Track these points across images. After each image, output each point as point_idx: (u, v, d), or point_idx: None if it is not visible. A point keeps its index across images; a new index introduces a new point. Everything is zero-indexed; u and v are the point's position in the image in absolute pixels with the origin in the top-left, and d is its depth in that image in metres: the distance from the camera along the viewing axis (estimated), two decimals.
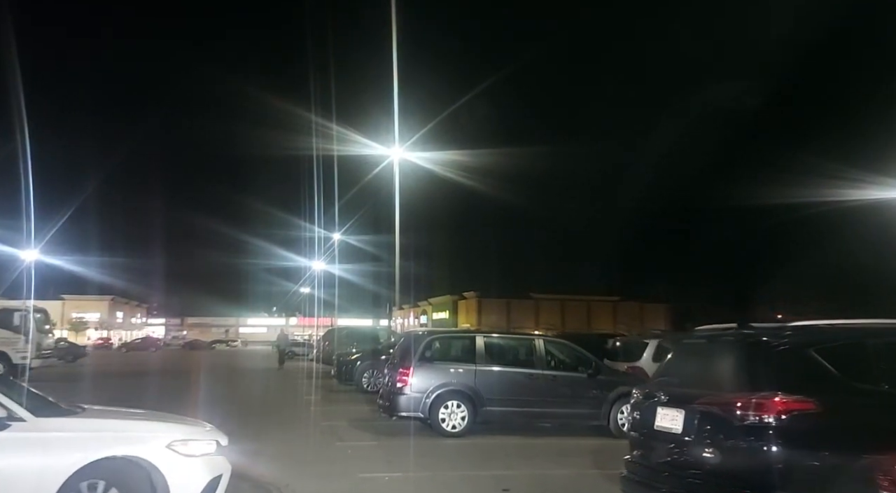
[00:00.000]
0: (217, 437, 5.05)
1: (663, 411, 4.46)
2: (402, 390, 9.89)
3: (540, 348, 10.30)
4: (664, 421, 4.41)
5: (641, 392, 4.96)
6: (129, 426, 4.86)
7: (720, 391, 4.21)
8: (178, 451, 4.59)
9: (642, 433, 4.76)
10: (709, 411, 4.17)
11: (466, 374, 10.00)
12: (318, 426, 10.99)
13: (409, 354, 10.20)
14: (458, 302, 73.68)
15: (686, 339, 5.26)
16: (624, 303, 71.35)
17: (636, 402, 4.99)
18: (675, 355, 5.24)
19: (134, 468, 4.42)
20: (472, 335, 10.44)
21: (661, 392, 4.57)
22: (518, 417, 10.09)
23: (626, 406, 10.05)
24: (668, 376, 4.96)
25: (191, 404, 14.05)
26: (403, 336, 12.03)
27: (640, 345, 13.18)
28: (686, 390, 4.42)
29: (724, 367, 4.43)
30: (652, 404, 4.62)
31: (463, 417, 9.81)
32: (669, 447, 4.36)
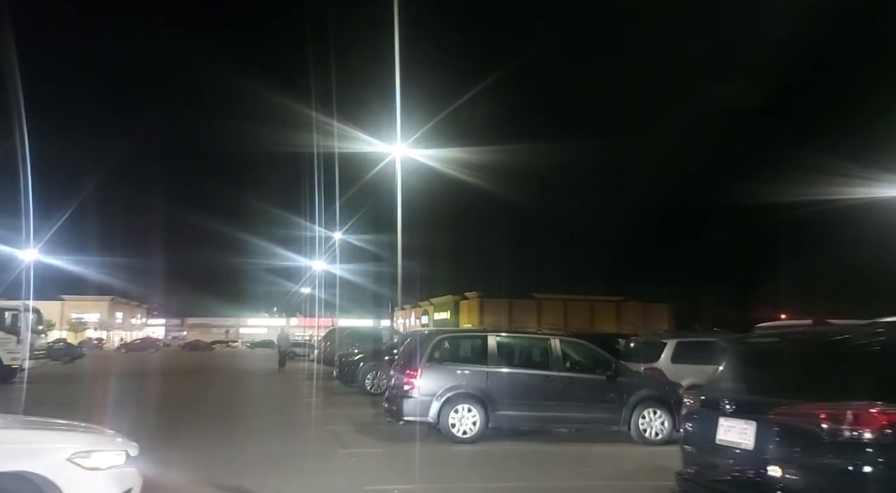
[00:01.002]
0: (127, 447, 4.48)
1: (728, 422, 3.84)
2: (409, 393, 9.29)
3: (556, 349, 9.69)
4: (729, 434, 3.80)
5: (696, 400, 4.34)
6: (21, 437, 4.22)
7: (802, 400, 3.58)
8: (80, 464, 4.02)
9: (700, 448, 4.13)
10: (789, 423, 3.55)
11: (478, 376, 9.39)
12: (320, 430, 10.39)
13: (416, 355, 9.60)
14: (460, 302, 73.13)
15: (751, 339, 4.59)
16: (627, 303, 70.80)
17: (691, 411, 4.36)
18: (738, 358, 4.57)
19: (26, 486, 3.82)
20: (484, 335, 9.83)
21: (725, 401, 3.95)
22: (533, 422, 9.49)
23: (648, 411, 9.49)
24: (731, 381, 4.32)
25: (184, 408, 13.48)
26: (410, 336, 11.43)
27: (657, 345, 12.56)
28: (757, 399, 3.80)
29: (807, 371, 3.80)
30: (712, 415, 4.00)
31: (474, 422, 9.21)
32: (736, 464, 3.74)
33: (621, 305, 71.05)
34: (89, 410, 13.42)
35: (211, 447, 8.84)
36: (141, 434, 10.07)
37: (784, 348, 4.13)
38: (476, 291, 69.25)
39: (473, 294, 70.11)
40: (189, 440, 9.38)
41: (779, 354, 4.13)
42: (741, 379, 4.25)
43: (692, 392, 4.63)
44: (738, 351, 4.65)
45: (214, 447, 8.79)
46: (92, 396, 16.18)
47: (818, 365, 3.73)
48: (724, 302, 61.32)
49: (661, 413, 9.50)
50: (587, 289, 68.73)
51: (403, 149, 22.07)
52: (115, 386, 19.81)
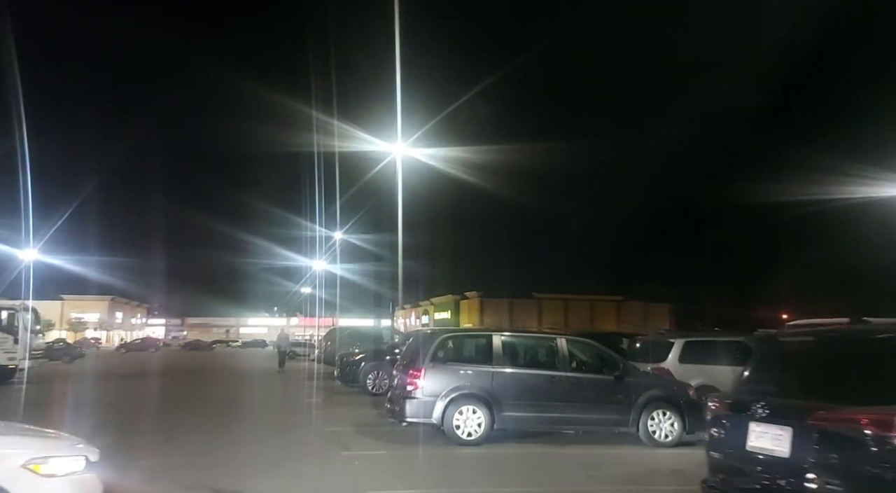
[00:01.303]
0: (86, 452, 4.26)
1: (759, 427, 3.59)
2: (412, 394, 9.06)
3: (562, 349, 9.45)
4: (762, 441, 3.55)
5: (723, 403, 4.08)
6: None
7: (845, 404, 3.32)
8: (35, 471, 3.83)
9: (728, 454, 3.87)
10: (829, 429, 3.29)
11: (483, 376, 9.16)
12: (321, 431, 10.16)
13: (419, 354, 9.37)
14: (460, 302, 72.93)
15: (783, 337, 4.32)
16: (627, 302, 70.65)
17: (717, 415, 4.09)
18: (769, 358, 4.27)
19: None
20: (489, 334, 9.58)
21: (757, 404, 3.69)
22: (539, 423, 9.25)
23: (657, 412, 9.26)
24: (762, 383, 4.04)
25: (182, 409, 13.25)
26: (412, 335, 11.20)
27: (664, 345, 12.31)
28: (793, 403, 3.55)
29: (848, 373, 3.54)
30: (742, 419, 3.74)
31: (479, 423, 8.97)
32: (768, 472, 3.48)
33: (622, 304, 70.91)
34: (84, 411, 13.21)
35: (208, 448, 8.62)
36: (136, 436, 9.88)
37: (821, 347, 3.84)
38: (476, 290, 69.03)
39: (474, 294, 69.91)
40: (186, 442, 9.16)
41: (815, 354, 3.85)
42: (773, 381, 3.98)
43: (719, 395, 4.35)
44: (768, 351, 4.34)
45: (212, 449, 8.56)
46: (88, 397, 15.95)
47: (861, 366, 3.47)
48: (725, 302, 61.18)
49: (671, 414, 9.27)
50: (587, 289, 68.55)
51: (404, 148, 21.89)
52: (113, 387, 19.58)
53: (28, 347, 17.62)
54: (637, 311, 68.14)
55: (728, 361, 12.04)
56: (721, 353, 12.19)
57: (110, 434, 10.01)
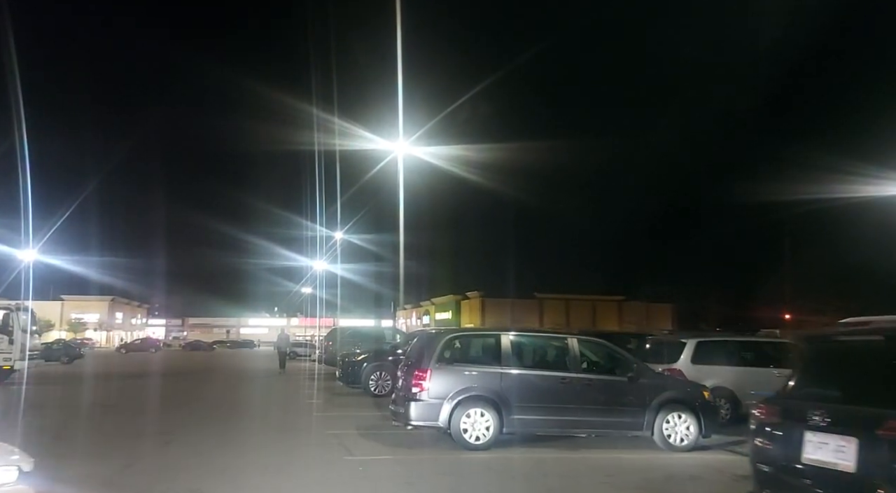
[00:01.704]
0: (21, 462, 3.93)
1: (818, 438, 3.24)
2: (417, 396, 8.72)
3: (573, 349, 9.11)
4: (821, 452, 3.20)
5: (771, 409, 3.71)
6: None
7: None
8: None
9: (778, 468, 3.51)
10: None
11: (491, 378, 8.82)
12: (323, 435, 9.83)
13: (425, 355, 9.03)
14: (461, 302, 72.58)
15: (842, 336, 3.93)
16: (629, 302, 70.39)
17: (765, 423, 3.72)
18: (823, 360, 3.88)
19: None
20: (497, 334, 9.23)
21: (815, 412, 3.33)
22: (550, 427, 8.90)
23: (672, 415, 8.92)
24: (817, 388, 3.67)
25: (181, 411, 12.91)
26: (417, 335, 10.85)
27: (676, 345, 11.97)
28: (858, 410, 3.19)
29: None
30: (796, 428, 3.38)
31: (488, 427, 8.63)
32: (828, 489, 3.13)
33: (623, 304, 70.63)
34: (80, 413, 12.90)
35: (206, 452, 8.28)
36: (133, 438, 9.55)
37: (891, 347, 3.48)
38: (478, 291, 68.70)
39: (475, 294, 69.57)
40: (183, 445, 8.82)
41: (884, 355, 3.47)
42: (832, 385, 3.60)
43: (765, 400, 3.98)
44: (821, 352, 3.94)
45: (210, 453, 8.22)
46: (84, 398, 15.62)
47: None
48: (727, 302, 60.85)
49: (687, 417, 8.92)
50: (589, 289, 68.27)
51: (406, 147, 21.62)
52: (111, 388, 19.25)
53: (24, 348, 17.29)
54: (639, 311, 67.90)
55: (742, 362, 11.74)
56: (735, 354, 11.88)
57: (106, 437, 9.71)
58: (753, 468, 3.91)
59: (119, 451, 8.44)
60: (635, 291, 68.20)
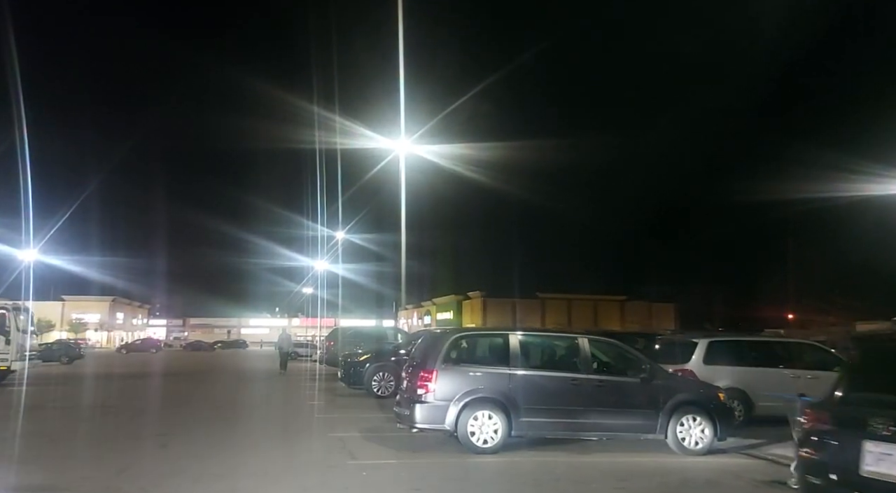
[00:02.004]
0: None
1: (881, 448, 2.94)
2: (423, 398, 8.42)
3: (584, 349, 8.80)
4: (884, 465, 2.90)
5: (822, 416, 3.39)
6: None
7: None
8: None
9: (832, 481, 3.19)
10: None
11: (499, 379, 8.52)
12: (325, 438, 9.53)
13: (430, 355, 8.73)
14: (463, 302, 72.31)
15: None
16: (631, 302, 70.13)
17: (815, 431, 3.40)
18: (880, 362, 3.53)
19: None
20: (505, 333, 8.93)
21: (875, 419, 3.02)
22: (560, 429, 8.59)
23: (687, 418, 8.62)
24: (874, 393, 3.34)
25: (178, 413, 12.63)
26: (422, 335, 10.55)
27: (686, 345, 11.66)
28: None
29: None
30: (853, 437, 3.08)
31: (496, 430, 8.34)
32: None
33: (625, 304, 70.34)
34: (76, 414, 12.61)
35: (204, 457, 8.00)
36: (129, 441, 9.27)
37: None
38: (479, 290, 68.42)
39: (476, 294, 69.29)
40: (181, 448, 8.54)
41: None
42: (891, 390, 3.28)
43: (814, 407, 3.66)
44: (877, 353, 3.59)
45: (207, 458, 7.94)
46: (81, 399, 15.35)
47: None
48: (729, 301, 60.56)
49: (701, 420, 8.62)
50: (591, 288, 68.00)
51: (408, 145, 21.39)
52: (109, 388, 18.97)
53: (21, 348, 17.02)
54: (641, 311, 67.62)
55: (755, 362, 11.43)
56: (748, 354, 11.57)
57: (102, 439, 9.43)
58: (801, 480, 3.60)
59: (114, 454, 8.16)
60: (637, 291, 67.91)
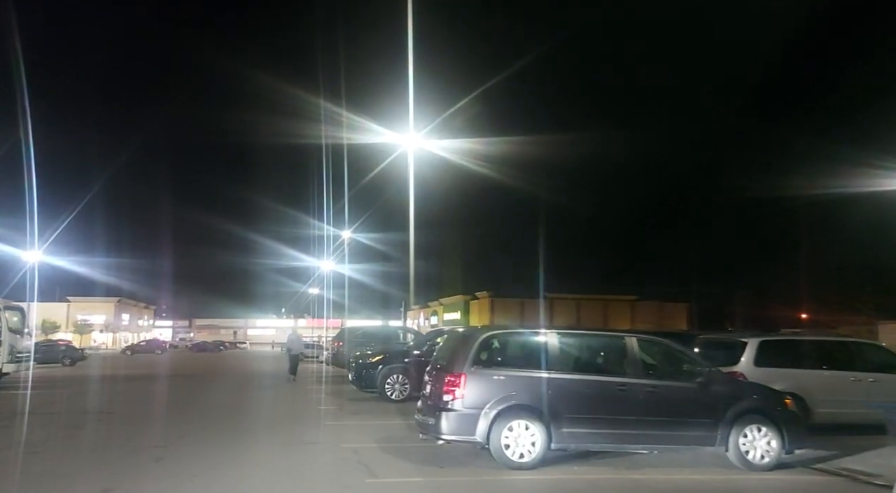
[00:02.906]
0: None
1: None
2: (449, 406, 7.41)
3: (633, 350, 7.76)
4: None
5: None
6: None
7: None
8: None
9: None
10: None
11: (536, 384, 7.48)
12: (338, 449, 8.51)
13: (458, 357, 7.71)
14: (470, 302, 71.41)
15: None
16: (642, 302, 69.10)
17: None
18: None
19: None
20: (543, 332, 7.89)
21: None
22: (605, 441, 7.55)
23: (751, 428, 7.56)
24: None
25: (178, 420, 11.64)
26: (447, 334, 9.51)
27: (734, 345, 10.59)
28: None
29: None
30: None
31: (533, 442, 7.31)
32: None
33: (636, 304, 69.32)
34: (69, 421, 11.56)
35: (202, 472, 7.00)
36: (120, 453, 8.28)
37: None
38: (487, 290, 67.48)
39: (484, 294, 68.36)
40: (177, 463, 7.54)
41: None
42: None
43: None
44: None
45: (206, 473, 6.95)
46: (75, 404, 14.38)
47: None
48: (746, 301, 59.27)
49: (767, 430, 7.57)
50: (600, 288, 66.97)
51: (416, 140, 20.56)
52: (108, 392, 18.04)
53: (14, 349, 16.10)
54: (652, 311, 66.53)
55: (813, 364, 10.35)
56: (805, 355, 10.48)
57: (91, 451, 8.46)
58: None
59: (102, 469, 7.19)
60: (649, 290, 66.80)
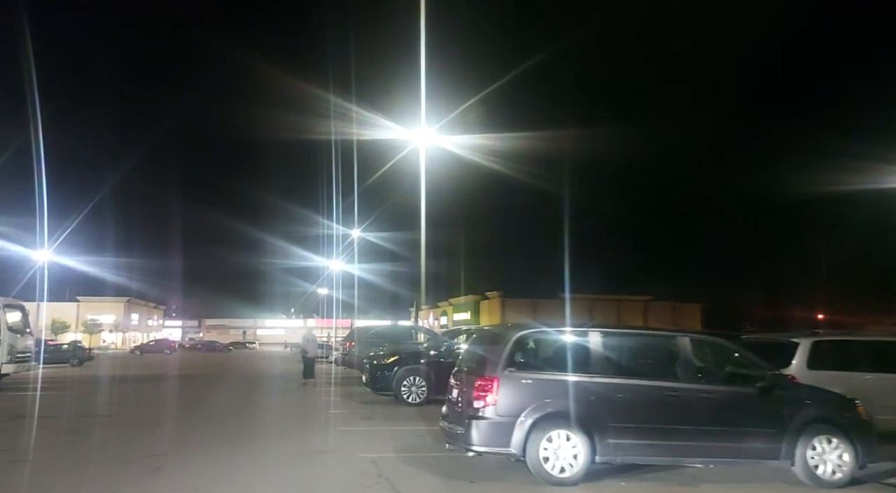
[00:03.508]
0: None
1: None
2: (481, 413, 6.61)
3: (686, 351, 6.92)
4: None
5: None
6: None
7: None
8: None
9: None
10: None
11: (578, 388, 6.67)
12: (356, 460, 7.73)
13: (489, 358, 6.91)
14: (481, 302, 70.61)
15: None
16: (655, 302, 68.14)
17: None
18: None
19: None
20: (584, 331, 7.08)
21: None
22: (656, 454, 6.72)
23: (820, 439, 6.70)
24: None
25: (182, 425, 10.91)
26: (476, 333, 8.67)
27: (782, 346, 9.72)
28: None
29: None
30: None
31: (576, 454, 6.50)
32: None
33: (650, 304, 68.38)
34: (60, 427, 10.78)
35: (203, 487, 6.25)
36: (115, 464, 7.54)
37: None
38: (497, 290, 66.67)
39: (494, 294, 67.55)
40: (176, 475, 6.78)
41: None
42: None
43: None
44: None
45: (208, 488, 6.19)
46: (74, 407, 13.68)
47: None
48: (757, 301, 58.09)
49: (839, 442, 6.72)
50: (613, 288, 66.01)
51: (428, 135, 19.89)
52: (111, 394, 17.38)
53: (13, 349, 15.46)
54: (665, 311, 65.57)
55: (873, 367, 9.45)
56: (863, 357, 9.58)
57: (80, 461, 7.71)
58: None
59: (92, 483, 6.46)
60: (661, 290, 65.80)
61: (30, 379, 17.93)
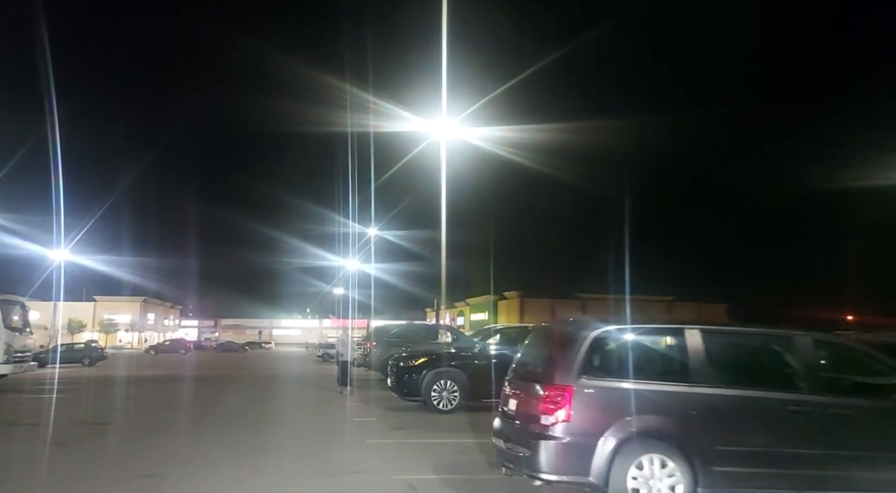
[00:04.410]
0: None
1: None
2: (550, 432, 5.23)
3: (810, 355, 5.47)
4: None
5: None
6: None
7: None
8: None
9: None
10: None
11: (675, 401, 5.26)
12: (389, 483, 6.40)
13: (559, 362, 5.51)
14: (499, 302, 69.25)
15: None
16: (679, 303, 66.37)
17: None
18: None
19: None
20: (679, 328, 5.66)
21: None
22: (774, 485, 5.28)
23: None
24: None
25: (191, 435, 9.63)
26: (535, 330, 7.21)
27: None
28: None
29: None
30: None
31: (673, 485, 5.10)
32: None
33: (673, 305, 66.66)
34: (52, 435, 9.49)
35: None
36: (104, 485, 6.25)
37: None
38: (516, 290, 65.30)
39: (513, 294, 66.19)
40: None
41: None
42: None
43: None
44: None
45: None
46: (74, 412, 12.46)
47: None
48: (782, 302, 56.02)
49: None
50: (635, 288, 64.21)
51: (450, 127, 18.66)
52: (118, 397, 16.25)
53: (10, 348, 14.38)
54: (690, 312, 63.73)
55: None
56: None
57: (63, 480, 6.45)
58: None
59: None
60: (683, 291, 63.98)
61: (37, 379, 16.90)
